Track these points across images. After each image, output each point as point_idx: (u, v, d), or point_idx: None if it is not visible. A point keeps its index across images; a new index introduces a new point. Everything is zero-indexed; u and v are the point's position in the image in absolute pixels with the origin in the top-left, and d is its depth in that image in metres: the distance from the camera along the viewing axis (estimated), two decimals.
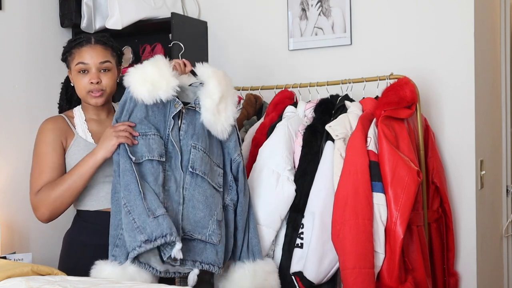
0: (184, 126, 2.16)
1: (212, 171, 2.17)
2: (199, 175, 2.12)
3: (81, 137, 2.20)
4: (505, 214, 3.29)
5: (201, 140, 2.16)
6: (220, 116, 2.17)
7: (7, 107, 2.99)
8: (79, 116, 2.26)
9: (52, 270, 2.03)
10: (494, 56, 3.16)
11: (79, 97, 2.26)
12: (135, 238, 1.96)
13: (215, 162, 2.20)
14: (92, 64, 2.18)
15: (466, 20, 2.70)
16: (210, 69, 2.22)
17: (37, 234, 3.11)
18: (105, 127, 2.21)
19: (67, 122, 2.22)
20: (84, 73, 2.18)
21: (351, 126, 2.39)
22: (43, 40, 3.20)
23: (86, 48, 2.19)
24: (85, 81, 2.18)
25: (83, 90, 2.20)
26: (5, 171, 2.96)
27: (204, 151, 2.16)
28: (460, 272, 2.72)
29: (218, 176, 2.20)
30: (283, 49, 3.10)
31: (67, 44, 2.27)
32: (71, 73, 2.24)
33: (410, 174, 2.28)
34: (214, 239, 2.12)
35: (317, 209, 2.32)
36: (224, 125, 2.18)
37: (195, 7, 3.31)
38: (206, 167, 2.14)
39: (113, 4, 3.02)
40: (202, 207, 2.12)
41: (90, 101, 2.21)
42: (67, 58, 2.24)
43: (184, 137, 2.16)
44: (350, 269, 2.22)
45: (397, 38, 2.83)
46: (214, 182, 2.16)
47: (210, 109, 2.15)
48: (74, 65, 2.20)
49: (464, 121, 2.72)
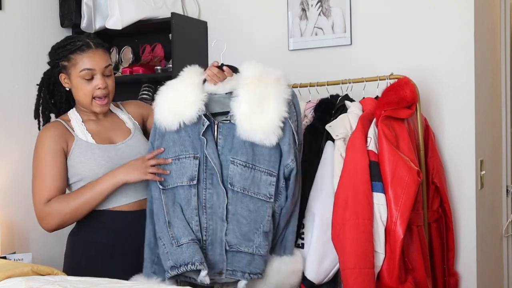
0: (221, 141, 2.11)
1: (258, 183, 2.10)
2: (239, 191, 2.09)
3: (81, 139, 2.16)
4: (505, 214, 3.28)
5: (240, 153, 2.09)
6: (257, 122, 2.05)
7: (7, 107, 3.00)
8: (76, 118, 2.21)
9: (52, 270, 2.03)
10: (494, 56, 3.16)
11: (80, 104, 2.20)
12: (165, 263, 2.06)
13: (266, 170, 2.11)
14: (98, 69, 2.13)
15: (466, 20, 2.70)
16: (248, 72, 2.13)
17: (37, 234, 3.11)
18: (103, 127, 2.21)
19: (65, 126, 2.18)
20: (89, 79, 2.13)
21: (351, 126, 2.39)
22: (43, 40, 3.19)
23: (89, 54, 2.13)
24: (90, 87, 2.13)
25: (88, 97, 2.15)
26: (5, 171, 2.96)
27: (245, 164, 2.09)
28: (460, 272, 2.72)
29: (268, 186, 2.11)
30: (283, 49, 3.10)
31: (60, 48, 2.17)
32: (71, 79, 2.16)
33: (410, 174, 2.28)
34: (261, 251, 2.10)
35: (317, 209, 2.33)
36: (266, 130, 2.05)
37: (195, 7, 3.31)
38: (246, 182, 2.08)
39: (113, 4, 3.02)
40: (246, 221, 2.09)
41: (95, 109, 2.17)
42: (63, 63, 2.16)
43: (222, 152, 2.11)
44: (350, 269, 2.22)
45: (397, 38, 2.83)
46: (261, 193, 2.10)
47: (242, 118, 2.06)
48: (77, 72, 2.12)
49: (464, 121, 2.72)
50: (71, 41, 2.17)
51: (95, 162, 2.13)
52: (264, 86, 2.08)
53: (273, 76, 2.11)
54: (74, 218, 2.12)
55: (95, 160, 2.13)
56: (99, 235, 2.16)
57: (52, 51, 2.21)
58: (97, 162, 2.13)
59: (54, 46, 2.21)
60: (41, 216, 2.12)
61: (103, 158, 2.14)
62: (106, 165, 2.13)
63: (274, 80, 2.10)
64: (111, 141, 2.21)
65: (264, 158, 2.10)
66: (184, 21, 3.15)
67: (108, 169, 2.13)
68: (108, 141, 2.20)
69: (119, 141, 2.21)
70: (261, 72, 2.12)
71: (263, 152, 2.09)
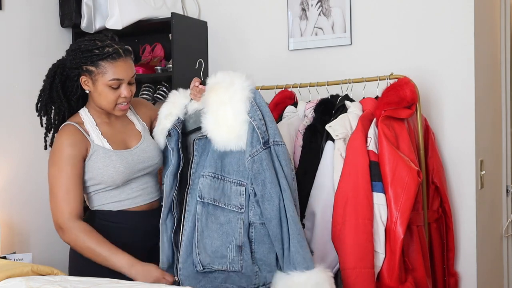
0: (196, 158, 2.11)
1: (228, 193, 2.05)
2: (210, 203, 2.05)
3: (97, 145, 2.13)
4: (505, 214, 3.28)
5: (209, 165, 2.06)
6: (224, 130, 2.01)
7: (7, 107, 2.99)
8: (89, 121, 2.17)
9: (52, 270, 2.03)
10: (494, 56, 3.16)
11: (100, 107, 2.16)
12: None
13: (235, 180, 2.05)
14: (126, 80, 2.11)
15: (466, 20, 2.70)
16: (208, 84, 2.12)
17: (37, 234, 3.11)
18: (116, 130, 2.20)
19: (80, 131, 2.13)
20: (116, 88, 2.10)
21: (351, 126, 2.39)
22: (43, 40, 3.20)
23: (120, 63, 2.08)
24: (115, 96, 2.10)
25: (111, 104, 2.12)
26: (6, 171, 2.96)
27: (214, 175, 2.05)
28: (460, 272, 2.72)
29: (238, 196, 2.04)
30: (283, 49, 3.10)
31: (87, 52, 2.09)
32: (95, 84, 2.10)
33: (410, 174, 2.28)
34: (235, 267, 2.03)
35: (317, 209, 2.33)
36: (230, 130, 2.01)
37: (195, 7, 3.31)
38: (216, 192, 2.05)
39: (113, 4, 3.02)
40: (217, 235, 2.04)
41: (117, 113, 2.16)
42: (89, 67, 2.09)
43: (196, 170, 2.10)
44: (350, 269, 2.22)
45: (397, 38, 2.83)
46: (231, 204, 2.04)
47: (211, 131, 2.03)
48: (105, 80, 2.07)
49: (464, 121, 2.72)
50: (100, 45, 2.09)
51: (114, 169, 2.12)
52: (220, 93, 2.04)
53: (228, 80, 2.06)
54: (81, 252, 2.11)
55: (114, 167, 2.12)
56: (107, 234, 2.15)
57: (76, 53, 2.12)
58: (116, 168, 2.12)
59: (78, 47, 2.13)
60: (63, 228, 2.09)
61: (122, 165, 2.13)
62: (124, 171, 2.13)
63: (228, 84, 2.05)
64: (126, 145, 2.20)
65: (233, 168, 2.04)
66: (184, 21, 3.15)
67: (126, 174, 2.13)
68: (123, 145, 2.19)
69: (133, 145, 2.20)
70: (215, 82, 2.08)
71: (231, 162, 2.05)
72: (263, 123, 2.02)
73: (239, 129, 2.00)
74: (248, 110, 2.00)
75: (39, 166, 3.15)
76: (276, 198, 1.99)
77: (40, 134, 3.26)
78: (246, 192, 2.02)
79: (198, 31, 3.24)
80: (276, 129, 2.05)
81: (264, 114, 2.04)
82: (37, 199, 3.13)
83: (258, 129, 2.00)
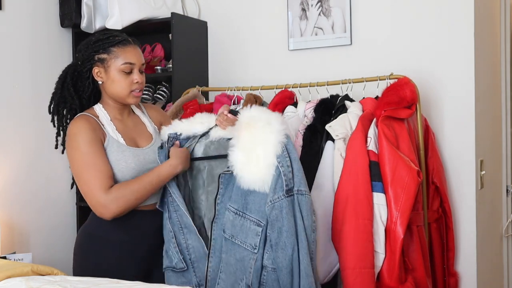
0: (222, 190, 2.09)
1: (246, 231, 2.02)
2: (228, 238, 2.05)
3: (112, 137, 2.15)
4: (505, 214, 3.28)
5: (235, 200, 2.04)
6: (253, 170, 1.98)
7: (8, 107, 3.00)
8: (104, 115, 2.19)
9: (52, 270, 2.04)
10: (494, 56, 3.16)
11: (114, 96, 2.18)
12: None
13: (254, 219, 2.01)
14: (137, 65, 2.17)
15: (466, 20, 2.70)
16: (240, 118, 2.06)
17: (37, 234, 3.11)
18: (128, 127, 2.22)
19: (97, 121, 2.16)
20: (128, 73, 2.15)
21: (351, 126, 2.39)
22: (43, 40, 3.20)
23: (130, 49, 2.16)
24: (128, 81, 2.15)
25: (125, 90, 2.15)
26: (6, 171, 2.97)
27: (236, 211, 2.03)
28: (460, 272, 2.72)
29: (254, 236, 2.00)
30: (283, 49, 3.10)
31: (99, 42, 2.16)
32: (107, 72, 2.15)
33: (410, 174, 2.28)
34: None
35: (317, 209, 2.32)
36: (259, 179, 1.97)
37: (195, 7, 3.31)
38: (235, 229, 2.03)
39: (113, 4, 3.02)
40: (233, 270, 2.04)
41: (130, 100, 2.18)
42: (101, 56, 2.15)
43: (222, 200, 2.09)
44: (350, 269, 2.22)
45: (397, 38, 2.83)
46: (247, 243, 2.01)
47: (239, 169, 2.00)
48: (118, 64, 2.13)
49: (464, 121, 2.72)
50: (109, 35, 2.18)
51: (126, 163, 2.13)
52: (255, 132, 2.00)
53: (263, 119, 2.01)
54: (136, 203, 2.12)
55: (126, 162, 2.13)
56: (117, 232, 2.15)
57: (87, 44, 2.18)
58: (127, 164, 2.13)
59: (89, 40, 2.20)
60: (103, 204, 2.06)
61: (133, 161, 2.14)
62: (135, 168, 2.14)
63: (264, 123, 2.00)
64: (137, 144, 2.21)
65: (255, 206, 2.01)
66: (184, 21, 3.15)
67: (136, 173, 2.13)
68: (134, 143, 2.20)
69: (144, 145, 2.22)
70: (250, 117, 2.03)
71: (254, 200, 2.01)
72: (290, 170, 1.98)
73: (267, 172, 1.97)
74: (278, 154, 1.97)
75: (39, 166, 3.15)
76: (290, 248, 1.95)
77: (40, 134, 3.27)
78: (262, 233, 1.99)
79: (198, 31, 3.24)
80: (302, 178, 2.01)
81: (293, 161, 2.00)
82: (37, 199, 3.13)
83: (284, 175, 1.96)
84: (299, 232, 1.97)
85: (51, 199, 3.21)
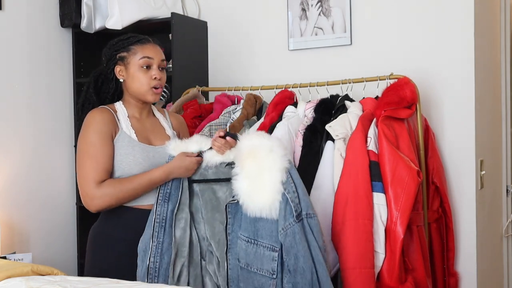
0: (231, 219, 2.09)
1: (261, 258, 2.01)
2: (243, 267, 2.04)
3: (125, 132, 2.18)
4: (505, 214, 3.28)
5: (244, 228, 2.04)
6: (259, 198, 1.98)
7: (8, 106, 3.00)
8: (122, 111, 2.23)
9: (52, 270, 2.04)
10: (494, 56, 3.16)
11: (134, 93, 2.22)
12: None
13: (268, 245, 2.00)
14: (156, 61, 2.21)
15: (466, 20, 2.70)
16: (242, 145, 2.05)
17: (37, 234, 3.11)
18: (144, 127, 2.24)
19: (113, 115, 2.19)
20: (147, 68, 2.20)
21: (351, 126, 2.39)
22: (43, 40, 3.20)
23: (149, 46, 2.22)
24: (148, 76, 2.19)
25: (145, 86, 2.19)
26: (6, 171, 2.96)
27: (248, 239, 2.03)
28: (460, 272, 2.72)
29: (271, 261, 1.99)
30: (283, 49, 3.10)
31: (120, 41, 2.24)
32: (127, 69, 2.20)
33: (410, 174, 2.28)
34: None
35: (317, 209, 2.32)
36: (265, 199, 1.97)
37: (195, 7, 3.31)
38: (249, 257, 2.03)
39: (113, 4, 3.02)
40: None
41: (150, 97, 2.21)
42: (121, 54, 2.21)
43: (232, 230, 2.09)
44: (350, 269, 2.22)
45: (397, 38, 2.83)
46: (264, 269, 2.00)
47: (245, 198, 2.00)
48: (136, 59, 2.19)
49: (464, 121, 2.72)
50: (130, 35, 2.26)
51: (134, 158, 2.15)
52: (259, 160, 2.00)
53: (266, 147, 2.01)
54: (123, 202, 2.14)
55: (134, 157, 2.15)
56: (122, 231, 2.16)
57: (110, 46, 2.27)
58: (135, 159, 2.15)
59: (111, 42, 2.28)
60: (91, 196, 2.10)
61: (142, 157, 2.16)
62: (143, 163, 2.15)
63: (267, 151, 2.00)
64: (150, 142, 2.23)
65: (266, 232, 2.01)
66: (184, 21, 3.15)
67: (144, 168, 2.15)
68: (147, 141, 2.22)
69: (157, 144, 2.23)
70: (252, 146, 2.03)
71: (264, 226, 2.01)
72: (296, 195, 1.99)
73: (273, 199, 1.97)
74: (284, 181, 1.97)
75: (39, 166, 3.15)
76: (308, 272, 1.95)
77: (40, 134, 3.27)
78: (278, 258, 1.98)
79: (198, 31, 3.24)
80: (308, 201, 2.03)
81: (297, 186, 2.01)
82: (37, 199, 3.13)
83: (292, 202, 1.97)
84: (314, 255, 1.98)
85: (51, 199, 3.21)
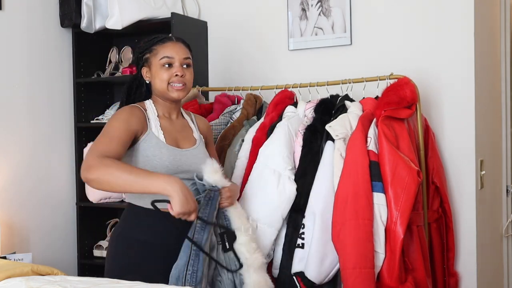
0: None
1: None
2: None
3: (153, 133, 2.17)
4: (505, 214, 3.28)
5: None
6: None
7: (8, 106, 3.00)
8: (152, 110, 2.23)
9: (52, 270, 2.04)
10: (494, 56, 3.16)
11: (158, 92, 2.23)
12: None
13: None
14: (177, 59, 2.21)
15: (466, 20, 2.70)
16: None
17: (37, 234, 3.11)
18: (174, 128, 2.24)
19: (143, 113, 2.19)
20: (169, 67, 2.20)
21: (351, 126, 2.39)
22: (43, 40, 3.20)
23: (170, 44, 2.23)
24: (168, 74, 2.20)
25: (164, 83, 2.19)
26: (6, 171, 2.96)
27: None
28: (460, 272, 2.72)
29: None
30: (283, 49, 3.10)
31: (144, 44, 2.27)
32: (151, 69, 2.23)
33: (410, 174, 2.28)
34: None
35: (317, 209, 2.32)
36: None
37: (195, 7, 3.31)
38: None
39: (113, 4, 3.02)
40: None
41: (172, 94, 2.20)
42: (146, 55, 2.24)
43: None
44: (351, 269, 2.22)
45: (397, 38, 2.84)
46: None
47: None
48: (157, 60, 2.20)
49: (464, 121, 2.72)
50: (154, 36, 2.29)
51: (160, 161, 2.12)
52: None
53: None
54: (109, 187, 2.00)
55: (160, 159, 2.13)
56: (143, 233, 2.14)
57: (137, 48, 2.30)
58: (162, 161, 2.12)
59: (138, 44, 2.31)
60: (90, 165, 1.98)
61: (168, 160, 2.13)
62: (169, 166, 2.13)
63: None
64: (178, 145, 2.21)
65: None
66: (184, 21, 3.15)
67: (169, 170, 2.11)
68: (175, 143, 2.21)
69: (185, 147, 2.22)
70: None
71: None
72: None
73: None
74: None
75: (39, 166, 3.15)
76: None
77: (40, 134, 3.27)
78: None
79: (198, 31, 3.24)
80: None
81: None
82: (37, 199, 3.13)
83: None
84: None
85: (51, 198, 3.21)
